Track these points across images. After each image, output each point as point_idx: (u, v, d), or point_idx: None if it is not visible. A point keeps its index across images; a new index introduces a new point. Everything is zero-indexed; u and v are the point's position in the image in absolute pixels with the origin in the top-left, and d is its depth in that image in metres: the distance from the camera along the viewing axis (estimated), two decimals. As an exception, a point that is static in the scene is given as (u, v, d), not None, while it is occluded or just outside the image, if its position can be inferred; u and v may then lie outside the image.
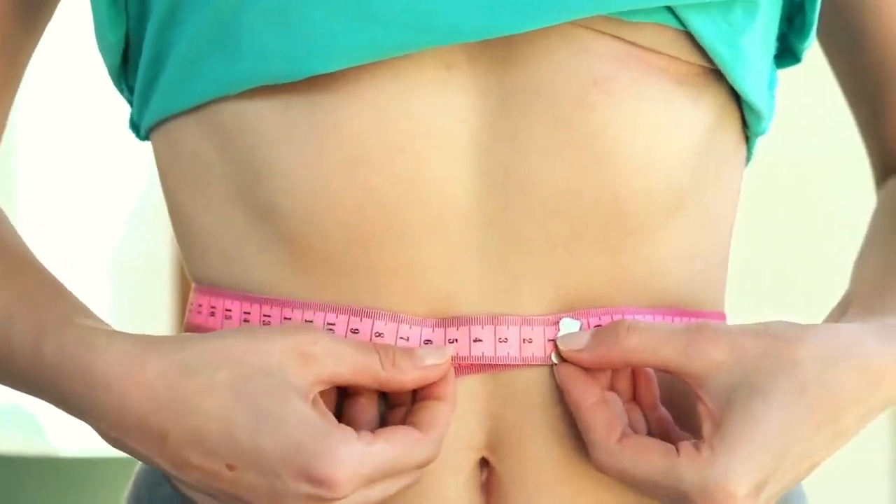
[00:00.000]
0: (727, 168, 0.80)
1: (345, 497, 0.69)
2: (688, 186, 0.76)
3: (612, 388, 0.76)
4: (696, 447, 0.71)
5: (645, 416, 0.77)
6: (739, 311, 0.90)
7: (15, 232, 0.83)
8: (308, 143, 0.72)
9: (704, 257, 0.79)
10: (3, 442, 3.15)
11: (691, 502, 0.71)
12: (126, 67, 0.81)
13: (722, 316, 0.82)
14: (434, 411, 0.73)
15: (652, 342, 0.72)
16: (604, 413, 0.73)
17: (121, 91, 0.83)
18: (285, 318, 0.74)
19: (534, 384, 0.75)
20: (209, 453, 0.70)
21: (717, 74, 0.76)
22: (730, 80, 0.76)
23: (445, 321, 0.74)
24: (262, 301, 0.75)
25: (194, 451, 0.70)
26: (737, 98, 0.78)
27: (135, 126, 0.83)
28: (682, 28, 0.73)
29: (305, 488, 0.69)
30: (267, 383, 0.69)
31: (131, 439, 0.72)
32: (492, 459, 0.76)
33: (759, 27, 0.77)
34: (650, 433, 0.76)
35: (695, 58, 0.74)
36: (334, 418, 0.71)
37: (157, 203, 0.88)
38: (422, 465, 0.72)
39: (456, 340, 0.74)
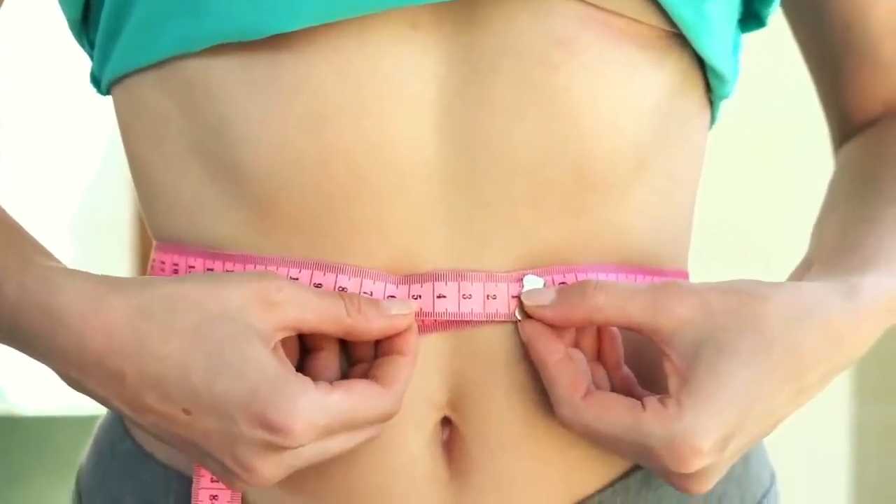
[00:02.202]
0: (691, 130, 0.80)
1: (300, 446, 0.69)
2: (651, 147, 0.76)
3: (576, 345, 0.76)
4: (663, 402, 0.71)
5: (609, 375, 0.77)
6: (702, 270, 0.91)
7: None
8: (271, 101, 0.72)
9: (668, 217, 0.79)
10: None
11: (656, 457, 0.71)
12: (87, 21, 0.81)
13: (685, 274, 0.83)
14: (396, 366, 0.73)
15: (618, 301, 0.72)
16: (569, 369, 0.73)
17: (81, 45, 0.83)
18: None
19: (496, 341, 0.75)
20: (165, 397, 0.70)
21: (680, 38, 0.76)
22: (694, 45, 0.76)
23: (409, 277, 0.74)
24: (225, 258, 0.75)
25: (151, 394, 0.70)
26: (700, 62, 0.79)
27: (95, 80, 0.82)
28: None
29: (261, 434, 0.69)
30: (227, 329, 0.69)
31: (90, 380, 0.71)
32: (454, 418, 0.76)
33: None
34: (613, 392, 0.76)
35: (658, 21, 0.74)
36: (293, 368, 0.71)
37: (119, 161, 0.87)
38: (381, 420, 0.72)
39: (420, 297, 0.74)
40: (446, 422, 0.77)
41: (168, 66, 0.75)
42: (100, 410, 0.82)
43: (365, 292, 0.73)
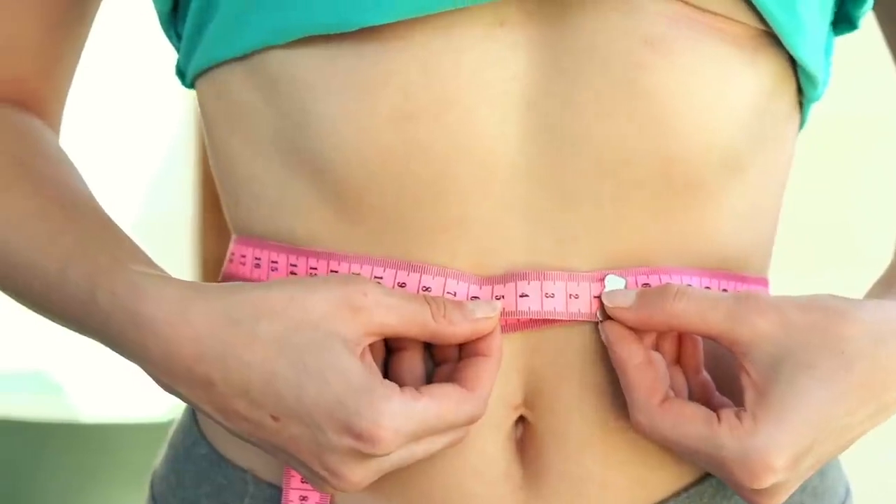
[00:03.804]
0: (781, 133, 0.79)
1: (387, 453, 0.69)
2: (742, 150, 0.75)
3: (656, 347, 0.76)
4: (738, 416, 0.70)
5: (687, 379, 0.76)
6: (784, 276, 0.90)
7: (79, 175, 0.83)
8: (355, 95, 0.72)
9: (754, 223, 0.78)
10: (26, 408, 3.16)
11: (729, 470, 0.70)
12: (176, 13, 0.81)
13: (766, 282, 0.82)
14: (480, 367, 0.72)
15: (699, 308, 0.71)
16: (648, 374, 0.73)
17: (169, 37, 0.83)
18: (332, 271, 0.74)
19: (574, 340, 0.75)
20: (253, 403, 0.70)
21: (772, 38, 0.75)
22: (786, 45, 0.75)
23: (492, 278, 0.74)
24: (308, 254, 0.75)
25: (240, 401, 0.70)
26: (792, 63, 0.78)
27: (180, 73, 0.83)
28: None
29: (348, 442, 0.69)
30: (311, 336, 0.69)
31: (181, 386, 0.72)
32: (529, 416, 0.76)
33: None
34: (691, 397, 0.76)
35: (750, 20, 0.73)
36: (380, 373, 0.71)
37: (182, 161, 0.88)
38: (468, 423, 0.72)
39: (503, 297, 0.73)
40: (519, 420, 0.77)
41: (254, 58, 0.75)
42: (169, 417, 0.83)
43: (448, 292, 0.73)
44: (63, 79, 0.89)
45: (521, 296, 0.73)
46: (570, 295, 0.74)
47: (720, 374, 0.78)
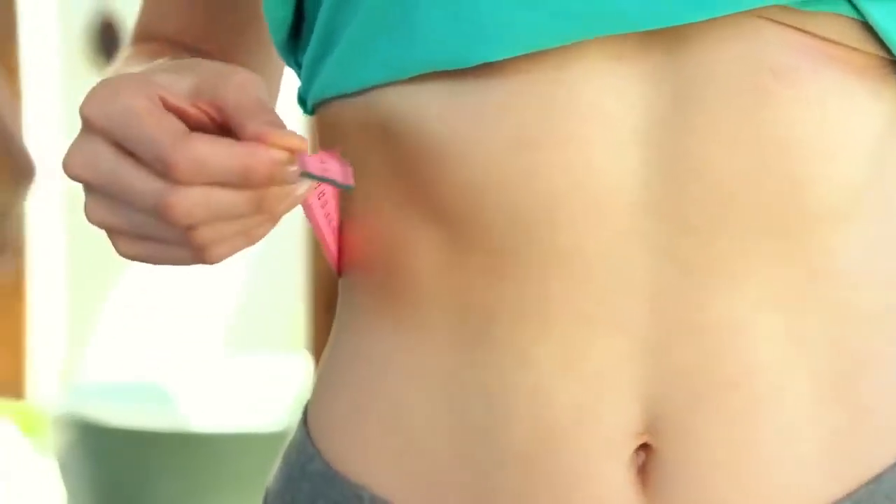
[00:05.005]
0: None
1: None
2: (868, 180, 0.75)
3: None
4: None
5: None
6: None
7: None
8: (472, 126, 0.72)
9: (882, 252, 0.77)
10: (139, 417, 3.19)
11: None
12: (296, 42, 0.82)
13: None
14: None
15: None
16: None
17: (289, 64, 0.85)
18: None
19: (701, 364, 0.74)
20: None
21: None
22: None
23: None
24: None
25: None
26: None
27: (301, 100, 0.83)
28: (860, 18, 0.72)
29: None
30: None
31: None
32: (654, 443, 0.75)
33: None
34: None
35: (875, 49, 0.73)
36: None
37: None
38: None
39: None
40: (641, 447, 0.76)
41: (371, 93, 0.76)
42: (281, 427, 0.83)
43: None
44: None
45: None
46: None
47: None
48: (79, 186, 0.70)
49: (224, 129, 0.68)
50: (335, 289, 0.84)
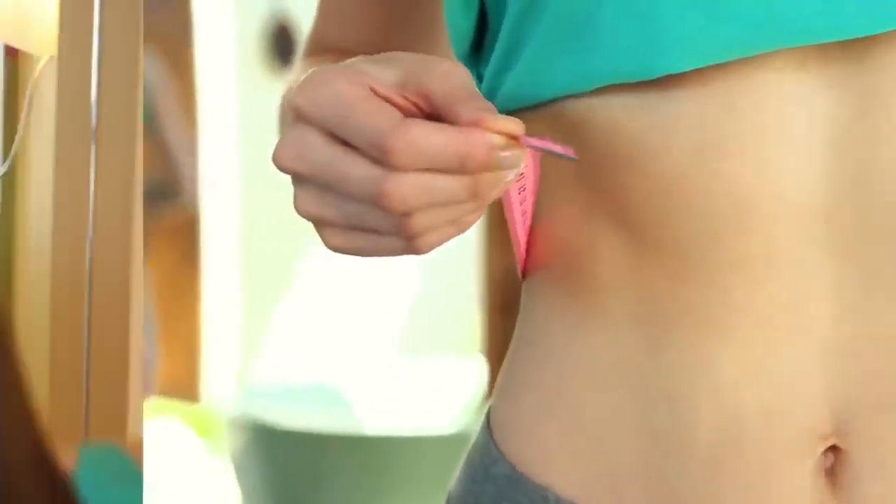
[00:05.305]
0: None
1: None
2: None
3: None
4: None
5: None
6: None
7: None
8: (658, 135, 0.73)
9: None
10: (313, 419, 3.22)
11: None
12: (478, 56, 0.84)
13: None
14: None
15: None
16: None
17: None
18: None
19: (893, 367, 0.74)
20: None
21: None
22: None
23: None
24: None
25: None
26: None
27: None
28: None
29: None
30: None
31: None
32: (844, 445, 0.75)
33: None
34: None
35: None
36: None
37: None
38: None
39: None
40: (829, 449, 0.75)
41: (554, 105, 0.76)
42: (454, 430, 0.82)
43: None
44: None
45: None
46: None
47: None
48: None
49: (431, 119, 0.67)
50: (509, 293, 0.83)
